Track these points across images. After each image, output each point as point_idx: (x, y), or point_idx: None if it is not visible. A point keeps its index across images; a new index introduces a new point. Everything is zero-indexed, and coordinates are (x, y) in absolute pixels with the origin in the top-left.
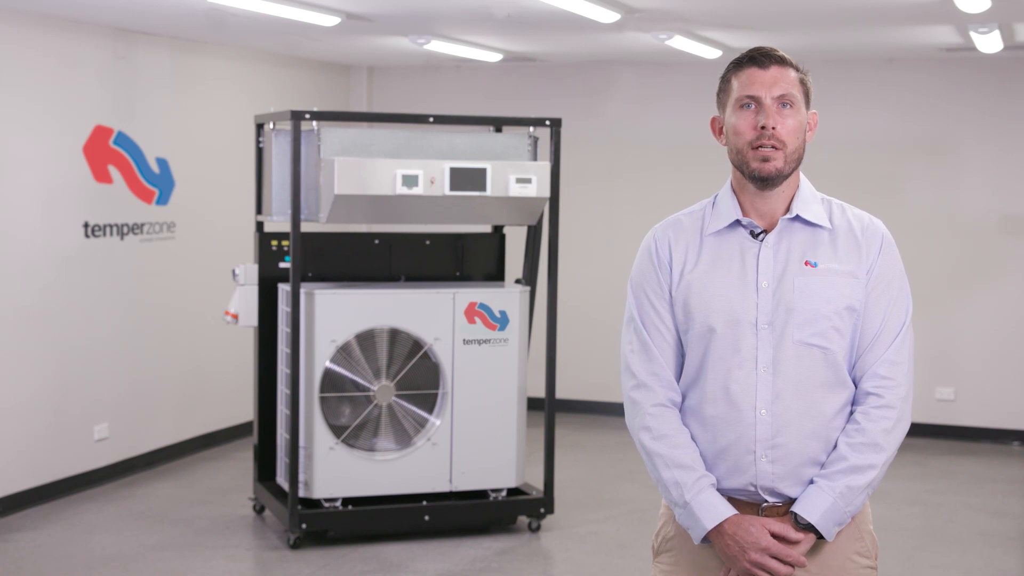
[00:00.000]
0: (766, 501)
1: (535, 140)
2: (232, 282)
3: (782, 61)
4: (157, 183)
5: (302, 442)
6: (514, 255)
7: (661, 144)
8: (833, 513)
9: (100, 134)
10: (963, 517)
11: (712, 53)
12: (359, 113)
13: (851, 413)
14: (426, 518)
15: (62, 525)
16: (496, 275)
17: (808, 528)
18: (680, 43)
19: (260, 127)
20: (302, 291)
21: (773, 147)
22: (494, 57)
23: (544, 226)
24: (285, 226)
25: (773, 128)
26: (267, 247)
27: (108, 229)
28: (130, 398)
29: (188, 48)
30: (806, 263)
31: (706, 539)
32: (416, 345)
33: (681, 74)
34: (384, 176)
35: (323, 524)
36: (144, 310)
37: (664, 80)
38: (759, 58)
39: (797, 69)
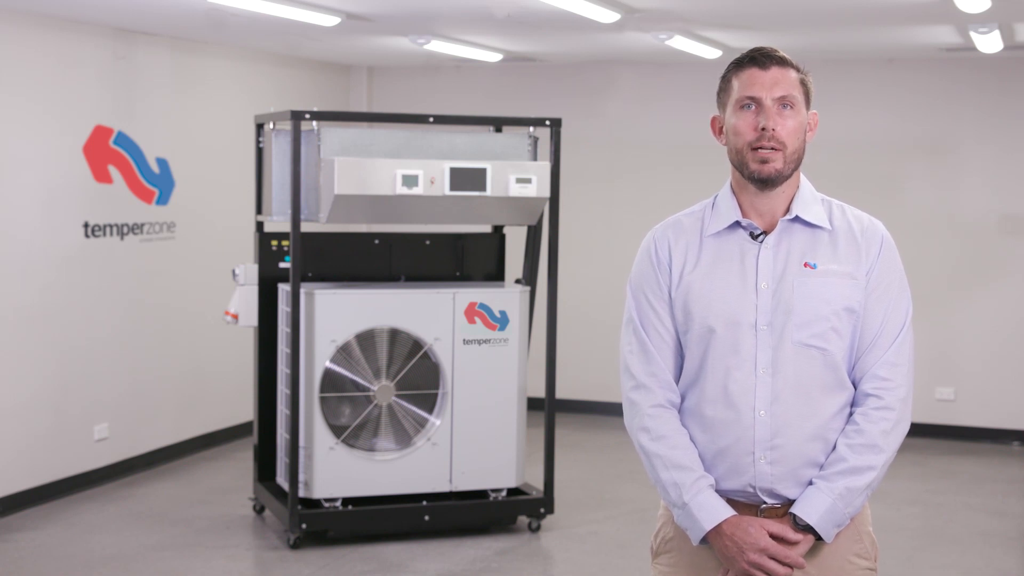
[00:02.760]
0: (765, 502)
1: (535, 140)
2: (232, 282)
3: (783, 62)
4: (157, 183)
5: (302, 442)
6: (514, 255)
7: (661, 144)
8: (832, 514)
9: (100, 134)
10: (963, 517)
11: (712, 53)
12: (359, 113)
13: (851, 414)
14: (426, 518)
15: (62, 525)
16: (496, 275)
17: (807, 529)
18: (680, 43)
19: (260, 127)
20: (302, 291)
21: (773, 148)
22: (494, 57)
23: (544, 226)
24: (285, 226)
25: (773, 129)
26: (267, 247)
27: (108, 229)
28: (130, 398)
29: (188, 48)
30: (805, 264)
31: (705, 540)
32: (416, 345)
33: (681, 74)
34: (384, 176)
35: (323, 524)
36: (144, 310)
37: (664, 80)
38: (760, 58)
39: (798, 70)
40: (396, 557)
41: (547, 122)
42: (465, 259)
